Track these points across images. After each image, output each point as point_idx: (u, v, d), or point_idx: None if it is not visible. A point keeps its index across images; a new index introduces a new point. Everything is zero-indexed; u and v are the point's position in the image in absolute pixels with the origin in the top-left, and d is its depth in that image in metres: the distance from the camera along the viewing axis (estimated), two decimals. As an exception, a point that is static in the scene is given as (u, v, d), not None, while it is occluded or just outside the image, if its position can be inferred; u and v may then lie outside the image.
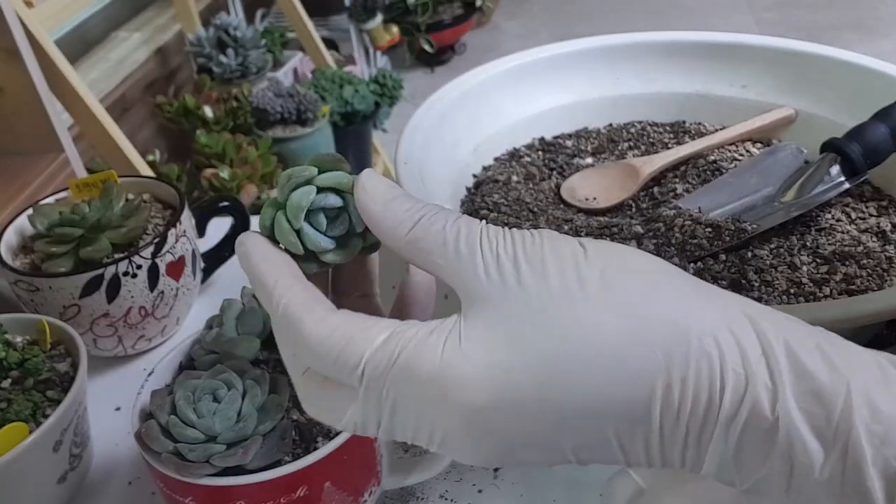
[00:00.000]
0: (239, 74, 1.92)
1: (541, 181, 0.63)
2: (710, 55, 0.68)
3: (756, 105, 0.66)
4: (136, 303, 0.56)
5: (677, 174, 0.63)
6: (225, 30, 1.90)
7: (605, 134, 0.69)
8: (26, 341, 0.52)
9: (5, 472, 0.43)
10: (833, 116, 0.58)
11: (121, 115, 1.74)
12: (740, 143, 0.65)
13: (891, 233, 0.54)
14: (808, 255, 0.52)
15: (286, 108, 1.68)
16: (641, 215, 0.60)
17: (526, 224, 0.57)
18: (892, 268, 0.51)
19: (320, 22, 2.44)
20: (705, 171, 0.62)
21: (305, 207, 0.29)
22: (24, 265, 0.57)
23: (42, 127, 0.93)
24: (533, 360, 0.25)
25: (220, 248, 0.67)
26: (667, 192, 0.61)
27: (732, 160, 0.63)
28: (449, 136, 0.63)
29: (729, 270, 0.51)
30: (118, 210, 0.57)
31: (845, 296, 0.49)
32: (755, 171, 0.60)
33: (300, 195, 0.29)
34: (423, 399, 0.25)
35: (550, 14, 3.24)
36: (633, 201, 0.62)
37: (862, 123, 0.55)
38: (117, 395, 0.57)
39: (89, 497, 0.51)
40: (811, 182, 0.56)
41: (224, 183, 1.54)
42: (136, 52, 1.87)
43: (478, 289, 0.26)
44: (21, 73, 0.89)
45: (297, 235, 0.29)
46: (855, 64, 0.62)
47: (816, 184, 0.56)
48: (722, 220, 0.54)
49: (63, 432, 0.46)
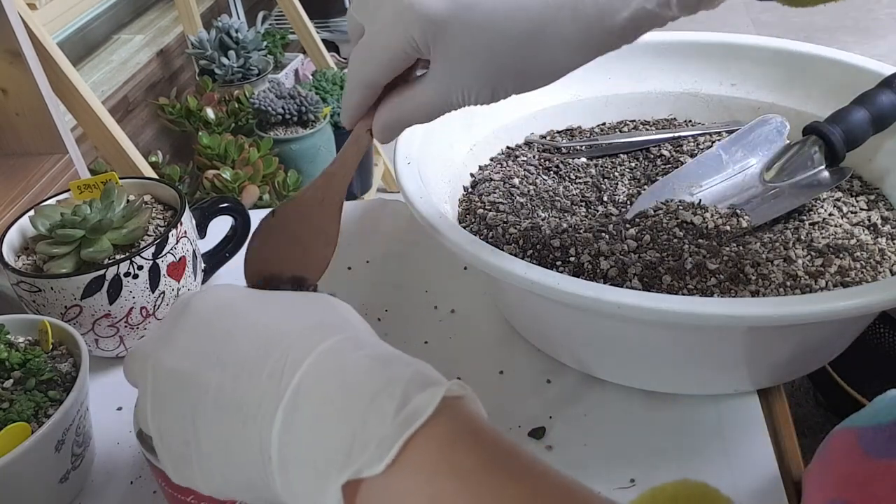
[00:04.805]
0: (240, 76, 1.92)
1: (536, 180, 0.63)
2: (700, 54, 0.70)
3: (745, 103, 0.68)
4: (137, 303, 0.57)
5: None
6: (226, 32, 1.91)
7: (598, 133, 0.70)
8: (28, 342, 0.52)
9: (7, 471, 0.43)
10: (822, 114, 0.59)
11: (123, 116, 1.75)
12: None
13: (881, 225, 0.55)
14: (803, 248, 0.52)
15: (287, 110, 1.68)
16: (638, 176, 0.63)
17: (524, 221, 0.57)
18: (884, 260, 0.51)
19: (321, 24, 2.45)
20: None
21: None
22: (26, 266, 0.57)
23: (45, 128, 0.93)
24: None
25: (220, 248, 0.67)
26: (655, 156, 0.66)
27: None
28: (445, 137, 0.63)
29: (726, 265, 0.51)
30: (119, 211, 0.58)
31: (840, 287, 0.49)
32: (741, 144, 0.61)
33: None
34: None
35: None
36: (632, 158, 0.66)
37: (842, 108, 0.57)
38: (119, 395, 0.57)
39: (91, 496, 0.51)
40: (792, 164, 0.57)
41: (226, 184, 1.54)
42: (138, 54, 1.87)
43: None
44: (24, 74, 0.89)
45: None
46: (842, 62, 0.63)
47: (799, 168, 0.57)
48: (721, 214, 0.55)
49: (65, 432, 0.46)
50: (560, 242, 0.54)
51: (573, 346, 0.54)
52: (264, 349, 0.32)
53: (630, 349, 0.51)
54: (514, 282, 0.46)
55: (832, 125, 0.56)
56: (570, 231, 0.56)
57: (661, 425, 0.52)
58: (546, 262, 0.53)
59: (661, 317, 0.43)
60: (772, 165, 0.58)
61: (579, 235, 0.55)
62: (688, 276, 0.50)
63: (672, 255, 0.53)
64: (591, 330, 0.51)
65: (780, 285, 0.49)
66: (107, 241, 0.56)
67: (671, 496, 0.29)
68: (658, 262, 0.52)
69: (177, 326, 0.35)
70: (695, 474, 0.48)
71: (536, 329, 0.57)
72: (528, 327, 0.58)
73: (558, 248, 0.54)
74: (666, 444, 0.51)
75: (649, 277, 0.51)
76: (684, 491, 0.29)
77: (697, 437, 0.51)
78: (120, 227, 0.57)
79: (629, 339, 0.50)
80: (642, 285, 0.50)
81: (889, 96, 0.56)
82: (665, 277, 0.50)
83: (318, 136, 1.72)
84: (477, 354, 0.59)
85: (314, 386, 0.30)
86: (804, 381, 1.19)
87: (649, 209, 0.58)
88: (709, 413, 0.52)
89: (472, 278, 0.66)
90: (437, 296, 0.65)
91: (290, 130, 1.71)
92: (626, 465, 0.49)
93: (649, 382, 0.53)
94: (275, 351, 0.32)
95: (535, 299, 0.51)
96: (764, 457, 0.49)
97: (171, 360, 0.34)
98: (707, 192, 0.59)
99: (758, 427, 0.51)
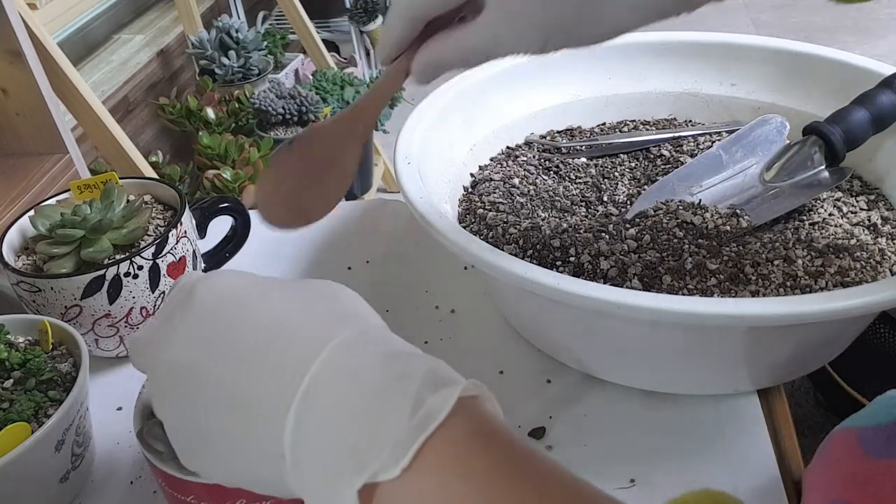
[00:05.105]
0: (241, 76, 1.93)
1: (536, 180, 0.63)
2: (700, 54, 0.70)
3: (745, 103, 0.68)
4: (137, 303, 0.57)
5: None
6: (227, 32, 1.91)
7: (598, 133, 0.70)
8: (28, 342, 0.52)
9: (7, 471, 0.43)
10: (822, 114, 0.59)
11: (123, 116, 1.75)
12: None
13: (881, 225, 0.55)
14: (803, 248, 0.52)
15: (287, 110, 1.69)
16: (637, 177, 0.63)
17: (524, 221, 0.57)
18: (884, 260, 0.51)
19: (321, 24, 2.45)
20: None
21: None
22: (26, 266, 0.57)
23: (45, 128, 0.93)
24: None
25: (220, 248, 0.67)
26: (655, 156, 0.66)
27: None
28: (445, 137, 0.63)
29: (726, 265, 0.51)
30: (119, 211, 0.58)
31: (840, 287, 0.49)
32: (741, 144, 0.61)
33: None
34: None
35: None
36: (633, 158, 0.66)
37: (842, 108, 0.57)
38: (119, 395, 0.57)
39: (91, 496, 0.51)
40: (792, 164, 0.57)
41: (226, 184, 1.54)
42: (138, 54, 1.87)
43: None
44: (25, 74, 0.90)
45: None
46: (842, 62, 0.63)
47: (799, 168, 0.57)
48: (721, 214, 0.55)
49: (65, 432, 0.46)
50: (560, 242, 0.54)
51: (573, 346, 0.54)
52: (272, 344, 0.32)
53: (630, 349, 0.51)
54: (514, 282, 0.46)
55: (832, 125, 0.56)
56: (570, 231, 0.56)
57: (661, 425, 0.52)
58: (546, 262, 0.53)
59: (661, 317, 0.43)
60: (772, 165, 0.58)
61: (579, 235, 0.55)
62: (688, 276, 0.50)
63: (672, 255, 0.53)
64: (591, 330, 0.51)
65: (780, 285, 0.49)
66: (107, 241, 0.56)
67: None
68: (658, 262, 0.52)
69: (181, 317, 0.35)
70: (695, 474, 0.48)
71: (536, 329, 0.57)
72: (528, 327, 0.58)
73: (558, 248, 0.54)
74: (666, 444, 0.50)
75: (649, 277, 0.51)
76: (706, 500, 0.28)
77: (697, 437, 0.51)
78: (120, 227, 0.57)
79: (629, 339, 0.50)
80: (642, 285, 0.50)
81: (889, 96, 0.56)
82: (665, 277, 0.50)
83: (318, 136, 1.72)
84: (477, 354, 0.59)
85: (326, 385, 0.30)
86: (804, 381, 1.19)
87: (649, 209, 0.58)
88: (709, 413, 0.52)
89: (472, 278, 0.66)
90: (437, 296, 0.65)
91: (290, 130, 1.71)
92: (626, 465, 0.49)
93: (649, 382, 0.53)
94: (284, 346, 0.32)
95: (535, 299, 0.51)
96: (764, 457, 0.49)
97: (175, 353, 0.34)
98: (707, 192, 0.59)
99: (758, 427, 0.51)
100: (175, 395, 0.33)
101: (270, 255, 0.72)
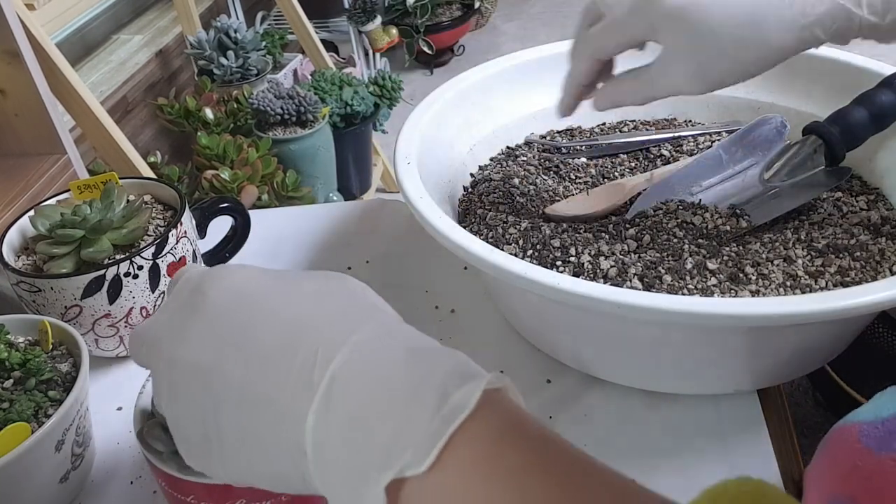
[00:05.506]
0: (239, 76, 1.92)
1: (536, 180, 0.63)
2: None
3: (745, 103, 0.68)
4: (137, 303, 0.56)
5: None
6: (225, 32, 1.91)
7: (599, 133, 0.70)
8: (28, 342, 0.52)
9: (8, 471, 0.43)
10: (822, 114, 0.59)
11: (122, 116, 1.74)
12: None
13: (881, 225, 0.55)
14: (803, 248, 0.52)
15: (286, 110, 1.68)
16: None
17: (524, 221, 0.57)
18: (884, 260, 0.51)
19: (320, 24, 2.45)
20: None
21: None
22: (26, 266, 0.57)
23: (44, 129, 0.93)
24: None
25: (220, 248, 0.67)
26: (655, 156, 0.66)
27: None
28: (445, 137, 0.63)
29: (726, 265, 0.51)
30: (119, 211, 0.58)
31: (840, 287, 0.49)
32: (741, 144, 0.62)
33: None
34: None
35: (549, 16, 3.24)
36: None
37: (842, 108, 0.57)
38: (119, 395, 0.57)
39: (91, 496, 0.51)
40: (792, 164, 0.57)
41: (225, 184, 1.54)
42: (137, 54, 1.87)
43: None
44: (23, 75, 0.89)
45: None
46: (842, 62, 0.63)
47: (799, 168, 0.57)
48: (721, 214, 0.55)
49: (65, 432, 0.46)
50: (560, 242, 0.54)
51: (573, 346, 0.54)
52: (291, 342, 0.31)
53: (630, 349, 0.51)
54: (514, 282, 0.46)
55: (832, 125, 0.56)
56: (570, 231, 0.56)
57: (661, 425, 0.52)
58: (546, 262, 0.53)
59: (661, 317, 0.43)
60: (772, 165, 0.58)
61: (579, 235, 0.55)
62: (688, 276, 0.50)
63: (672, 255, 0.53)
64: (590, 330, 0.51)
65: (780, 285, 0.49)
66: (107, 241, 0.56)
67: (734, 497, 0.28)
68: (658, 262, 0.52)
69: (193, 315, 0.34)
70: (695, 474, 0.48)
71: (536, 329, 0.57)
72: (528, 327, 0.58)
73: (558, 248, 0.54)
74: (666, 444, 0.51)
75: (649, 277, 0.51)
76: (748, 486, 0.28)
77: (697, 437, 0.51)
78: (120, 227, 0.57)
79: (629, 339, 0.50)
80: (642, 285, 0.50)
81: (889, 96, 0.56)
82: (665, 277, 0.50)
83: (316, 137, 1.72)
84: (477, 354, 0.58)
85: (349, 382, 0.30)
86: (804, 381, 1.19)
87: (649, 209, 0.58)
88: (709, 413, 0.52)
89: (472, 278, 0.66)
90: (437, 296, 0.65)
91: (288, 131, 1.71)
92: (626, 465, 0.49)
93: (649, 382, 0.53)
94: (303, 343, 0.31)
95: (535, 299, 0.51)
96: (764, 457, 0.49)
97: (188, 352, 0.33)
98: (707, 192, 0.59)
99: (758, 427, 0.51)
100: (187, 394, 0.33)
101: (270, 255, 0.72)
